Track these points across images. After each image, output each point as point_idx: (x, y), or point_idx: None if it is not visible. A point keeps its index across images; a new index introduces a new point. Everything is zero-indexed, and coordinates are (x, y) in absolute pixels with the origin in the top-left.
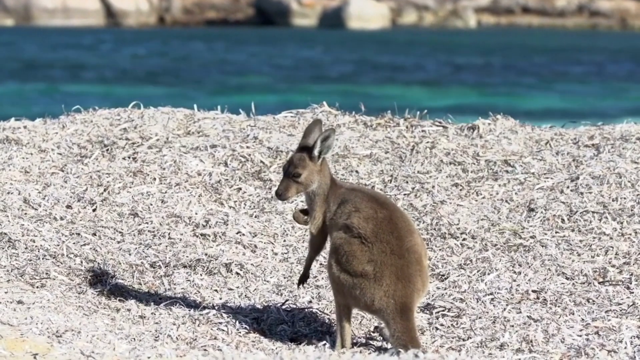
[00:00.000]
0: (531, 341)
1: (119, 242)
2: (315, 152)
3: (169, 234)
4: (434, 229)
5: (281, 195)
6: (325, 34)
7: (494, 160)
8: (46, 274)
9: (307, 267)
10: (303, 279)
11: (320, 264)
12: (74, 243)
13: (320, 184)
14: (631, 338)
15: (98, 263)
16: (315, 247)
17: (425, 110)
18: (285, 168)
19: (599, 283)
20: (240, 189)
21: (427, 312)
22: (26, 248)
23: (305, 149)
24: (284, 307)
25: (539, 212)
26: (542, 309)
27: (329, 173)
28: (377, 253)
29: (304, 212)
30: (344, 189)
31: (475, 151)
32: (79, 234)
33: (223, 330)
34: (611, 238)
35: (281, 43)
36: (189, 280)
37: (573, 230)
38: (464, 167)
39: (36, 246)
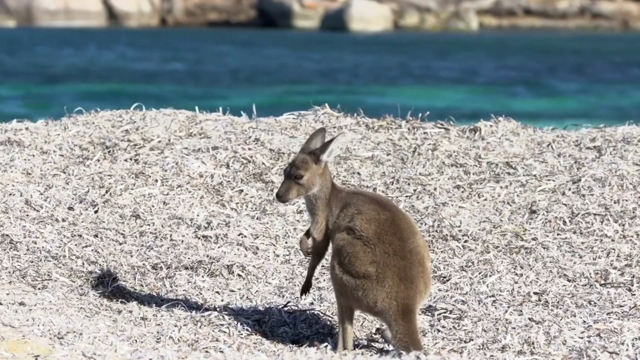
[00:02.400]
0: (533, 343)
1: (120, 244)
2: (323, 156)
3: (170, 235)
4: (436, 231)
5: (282, 196)
6: (327, 36)
7: (495, 162)
8: (48, 275)
9: (310, 275)
10: (306, 287)
11: (322, 265)
12: (75, 245)
13: (321, 187)
14: (633, 340)
15: (100, 265)
16: (318, 252)
17: (427, 112)
18: (287, 170)
19: (601, 285)
20: (242, 190)
21: (429, 314)
22: (28, 250)
23: (309, 151)
24: (285, 308)
25: (540, 214)
26: (543, 311)
27: (330, 177)
28: (379, 254)
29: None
30: (344, 192)
31: (477, 153)
32: (80, 236)
33: (225, 332)
34: (613, 240)
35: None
36: (190, 282)
37: (575, 232)
38: (466, 169)
39: (38, 248)
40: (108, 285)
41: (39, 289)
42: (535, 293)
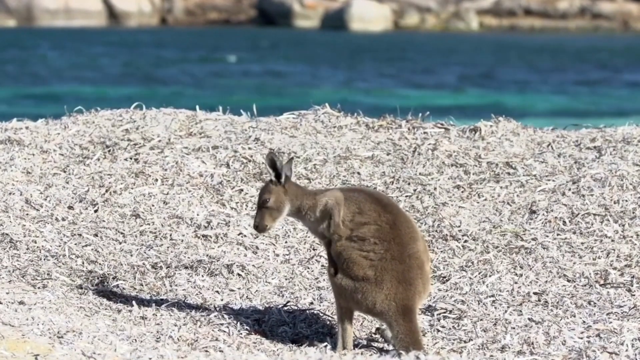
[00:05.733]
0: (532, 343)
1: (120, 243)
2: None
3: (170, 235)
4: (436, 231)
5: (259, 225)
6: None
7: (495, 162)
8: (48, 274)
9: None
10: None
11: (322, 265)
12: (75, 244)
13: (294, 200)
14: (632, 340)
15: (99, 264)
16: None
17: (427, 112)
18: (257, 202)
19: (600, 285)
20: (242, 190)
21: (429, 314)
22: (28, 249)
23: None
24: (285, 308)
25: (540, 214)
26: (543, 311)
27: (297, 187)
28: (377, 259)
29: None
30: (341, 191)
31: (477, 153)
32: (80, 235)
33: (224, 331)
34: (613, 240)
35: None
36: (190, 282)
37: (574, 233)
38: (466, 169)
39: (38, 247)
40: (108, 284)
41: (38, 288)
42: (535, 293)
